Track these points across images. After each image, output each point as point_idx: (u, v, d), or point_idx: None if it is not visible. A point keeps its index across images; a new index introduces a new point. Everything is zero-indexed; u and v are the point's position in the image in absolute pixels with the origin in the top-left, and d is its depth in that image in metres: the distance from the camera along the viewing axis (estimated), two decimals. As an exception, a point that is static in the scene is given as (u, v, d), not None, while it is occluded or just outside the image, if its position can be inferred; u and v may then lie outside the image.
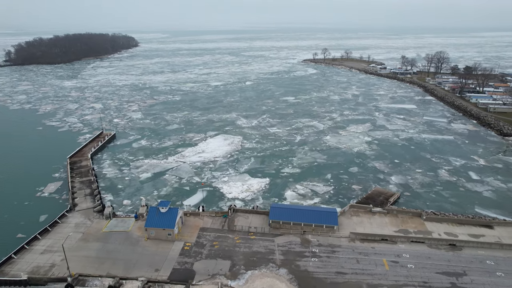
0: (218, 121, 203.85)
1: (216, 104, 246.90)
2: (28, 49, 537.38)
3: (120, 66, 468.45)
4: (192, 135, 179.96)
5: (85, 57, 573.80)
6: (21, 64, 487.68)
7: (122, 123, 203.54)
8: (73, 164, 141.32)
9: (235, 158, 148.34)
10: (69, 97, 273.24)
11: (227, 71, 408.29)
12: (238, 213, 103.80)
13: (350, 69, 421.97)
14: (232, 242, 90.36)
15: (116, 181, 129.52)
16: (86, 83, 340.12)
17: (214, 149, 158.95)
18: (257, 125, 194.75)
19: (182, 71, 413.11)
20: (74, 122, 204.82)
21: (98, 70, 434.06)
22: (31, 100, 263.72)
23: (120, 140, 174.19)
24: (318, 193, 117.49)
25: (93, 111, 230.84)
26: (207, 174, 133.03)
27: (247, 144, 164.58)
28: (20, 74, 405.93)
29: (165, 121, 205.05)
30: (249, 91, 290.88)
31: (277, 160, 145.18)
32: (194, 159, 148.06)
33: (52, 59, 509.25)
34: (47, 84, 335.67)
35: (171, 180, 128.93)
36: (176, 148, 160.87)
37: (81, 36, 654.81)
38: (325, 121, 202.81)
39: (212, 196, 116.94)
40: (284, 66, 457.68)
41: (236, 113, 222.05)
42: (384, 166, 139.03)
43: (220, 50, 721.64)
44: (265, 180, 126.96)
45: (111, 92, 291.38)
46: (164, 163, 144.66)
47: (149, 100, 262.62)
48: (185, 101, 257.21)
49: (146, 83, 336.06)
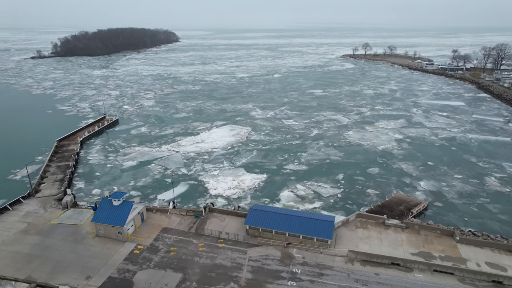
0: (231, 111, 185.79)
1: (235, 94, 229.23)
2: (73, 42, 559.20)
3: (153, 58, 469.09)
4: (198, 124, 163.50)
5: (124, 50, 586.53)
6: (64, 55, 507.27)
7: (130, 109, 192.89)
8: (59, 148, 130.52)
9: (235, 150, 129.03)
10: (91, 84, 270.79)
11: (258, 64, 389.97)
12: (214, 213, 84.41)
13: (392, 64, 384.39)
14: (193, 250, 71.24)
15: (96, 167, 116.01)
16: (113, 72, 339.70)
17: (215, 139, 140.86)
18: (272, 117, 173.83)
19: (212, 64, 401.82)
20: (84, 107, 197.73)
21: (131, 61, 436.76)
22: (55, 86, 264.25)
23: (121, 126, 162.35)
24: (321, 196, 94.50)
25: (108, 97, 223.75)
26: (197, 166, 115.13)
27: (254, 136, 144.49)
28: (58, 63, 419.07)
29: (175, 109, 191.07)
30: (275, 83, 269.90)
31: (283, 154, 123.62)
32: (190, 149, 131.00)
33: (92, 51, 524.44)
34: (78, 72, 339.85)
35: (155, 170, 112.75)
36: (175, 137, 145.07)
37: (122, 30, 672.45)
38: (351, 115, 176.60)
39: (193, 191, 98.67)
40: (320, 60, 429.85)
41: (253, 103, 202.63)
42: (413, 169, 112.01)
43: (258, 45, 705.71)
44: (261, 177, 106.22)
45: (134, 81, 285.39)
46: (155, 151, 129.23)
47: (168, 89, 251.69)
48: (204, 91, 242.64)
49: (171, 73, 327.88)
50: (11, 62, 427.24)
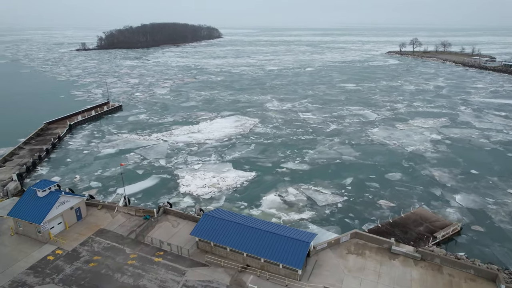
0: (244, 102, 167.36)
1: (256, 86, 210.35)
2: (116, 35, 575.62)
3: (189, 52, 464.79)
4: (202, 113, 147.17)
5: (164, 44, 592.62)
6: (107, 48, 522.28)
7: (140, 96, 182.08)
8: (45, 131, 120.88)
9: (231, 142, 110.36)
10: (115, 73, 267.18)
11: (293, 59, 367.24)
12: (169, 216, 66.54)
13: (443, 61, 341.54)
14: (121, 262, 53.92)
15: (71, 153, 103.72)
16: (143, 63, 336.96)
17: (214, 130, 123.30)
18: (287, 109, 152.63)
19: (245, 57, 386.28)
20: (96, 93, 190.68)
21: (166, 54, 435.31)
22: (82, 74, 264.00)
23: (122, 112, 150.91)
24: (315, 204, 72.72)
25: (125, 85, 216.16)
26: (179, 158, 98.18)
27: (259, 129, 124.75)
28: (97, 55, 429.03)
29: (185, 98, 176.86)
30: (304, 76, 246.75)
31: (285, 150, 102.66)
32: (181, 138, 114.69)
33: (133, 45, 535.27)
34: (110, 62, 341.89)
35: (131, 160, 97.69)
36: (172, 125, 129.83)
37: (165, 25, 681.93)
38: (381, 111, 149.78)
39: (160, 187, 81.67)
40: (361, 56, 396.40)
41: (272, 95, 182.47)
42: (448, 177, 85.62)
43: (300, 42, 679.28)
44: (248, 175, 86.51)
45: (158, 71, 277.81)
46: (143, 139, 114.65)
47: (189, 79, 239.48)
48: (224, 81, 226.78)
49: (199, 65, 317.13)
50: (57, 54, 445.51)
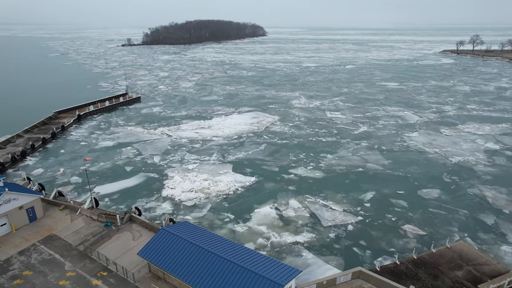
0: (269, 98, 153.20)
1: (287, 82, 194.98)
2: (161, 32, 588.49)
3: (229, 48, 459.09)
4: (220, 108, 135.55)
5: (207, 41, 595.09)
6: (151, 43, 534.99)
7: (163, 89, 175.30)
8: (52, 119, 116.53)
9: (240, 141, 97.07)
10: (148, 66, 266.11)
11: (335, 56, 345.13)
12: (134, 224, 54.95)
13: (509, 60, 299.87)
14: (51, 282, 42.98)
15: (68, 144, 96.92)
16: (179, 57, 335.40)
17: (226, 126, 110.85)
18: (315, 107, 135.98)
19: (284, 54, 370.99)
20: (122, 85, 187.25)
21: (206, 49, 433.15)
22: (116, 67, 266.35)
23: (138, 104, 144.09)
24: (318, 224, 57.07)
25: (153, 78, 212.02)
26: (177, 156, 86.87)
27: (276, 127, 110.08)
28: (139, 50, 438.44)
29: (208, 92, 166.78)
30: (342, 73, 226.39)
31: (299, 153, 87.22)
32: (187, 134, 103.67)
33: (176, 41, 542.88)
34: (149, 56, 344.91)
35: (124, 154, 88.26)
36: (183, 120, 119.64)
37: (209, 22, 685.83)
38: (425, 113, 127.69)
39: (142, 187, 70.65)
40: (410, 55, 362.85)
41: (301, 92, 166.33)
42: (506, 200, 65.12)
43: (346, 41, 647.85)
44: (247, 180, 72.71)
45: (191, 65, 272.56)
46: (146, 133, 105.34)
47: (219, 73, 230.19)
48: (255, 77, 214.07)
49: (234, 60, 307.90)
50: (103, 49, 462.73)
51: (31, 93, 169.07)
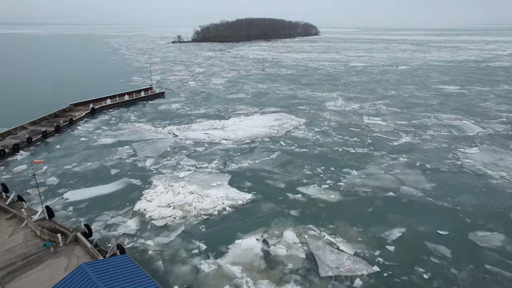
0: (301, 98, 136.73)
1: (327, 82, 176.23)
2: (211, 29, 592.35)
3: (276, 46, 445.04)
4: (243, 107, 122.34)
5: (256, 39, 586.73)
6: (200, 41, 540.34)
7: (192, 85, 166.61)
8: (67, 112, 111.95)
9: (250, 146, 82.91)
10: (187, 62, 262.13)
11: (388, 56, 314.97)
12: (77, 247, 43.52)
13: None
14: None
15: (67, 139, 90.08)
16: (222, 54, 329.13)
17: (241, 128, 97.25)
18: (351, 111, 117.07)
19: (332, 52, 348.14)
20: (153, 80, 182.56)
21: (252, 47, 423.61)
22: (156, 61, 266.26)
23: (161, 99, 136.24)
24: (314, 271, 40.94)
25: (187, 73, 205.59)
26: (172, 160, 75.19)
27: (299, 132, 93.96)
28: (186, 46, 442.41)
29: (236, 90, 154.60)
30: (392, 74, 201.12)
31: (317, 166, 70.79)
32: (195, 135, 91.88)
33: (224, 38, 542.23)
34: (192, 53, 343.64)
35: (119, 154, 78.69)
36: (198, 118, 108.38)
37: (260, 20, 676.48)
38: (491, 123, 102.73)
39: (116, 196, 59.57)
40: (479, 56, 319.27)
41: (340, 93, 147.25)
42: None
43: (404, 41, 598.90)
44: (240, 197, 58.42)
45: (230, 62, 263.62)
46: (152, 131, 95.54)
47: (256, 70, 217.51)
48: (293, 75, 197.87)
49: (276, 58, 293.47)
50: (153, 45, 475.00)
51: (63, 84, 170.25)
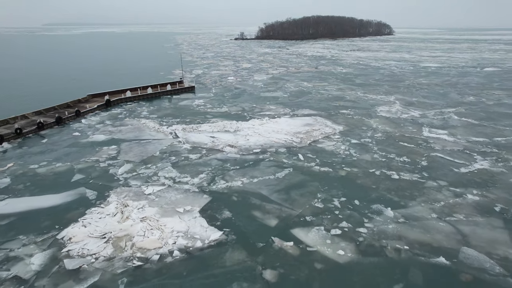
0: (348, 100, 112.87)
1: (387, 82, 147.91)
2: (276, 27, 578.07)
3: (340, 44, 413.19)
4: (273, 107, 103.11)
5: (322, 37, 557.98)
6: (262, 38, 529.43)
7: (230, 80, 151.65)
8: (81, 102, 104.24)
9: (257, 158, 63.77)
10: (238, 58, 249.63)
11: (472, 57, 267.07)
12: None
13: None
14: None
15: (61, 133, 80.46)
16: (280, 51, 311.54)
17: (258, 132, 78.45)
18: (408, 119, 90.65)
19: (402, 52, 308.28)
20: (192, 74, 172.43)
21: (314, 45, 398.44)
22: (208, 57, 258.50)
23: (188, 94, 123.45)
24: None
25: (232, 68, 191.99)
26: (152, 168, 59.52)
27: (330, 143, 72.06)
28: (246, 43, 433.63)
29: (275, 88, 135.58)
30: (474, 77, 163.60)
31: (335, 197, 49.22)
32: (198, 137, 75.64)
33: (288, 36, 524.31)
34: (249, 49, 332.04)
35: (99, 156, 65.56)
36: (214, 118, 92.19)
37: (328, 18, 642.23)
38: None
39: (52, 214, 45.27)
40: None
41: (399, 96, 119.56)
42: None
43: (497, 41, 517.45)
44: (202, 236, 39.95)
45: (284, 59, 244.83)
46: (154, 130, 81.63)
47: (308, 68, 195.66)
48: (348, 74, 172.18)
49: (337, 55, 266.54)
50: (215, 41, 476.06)
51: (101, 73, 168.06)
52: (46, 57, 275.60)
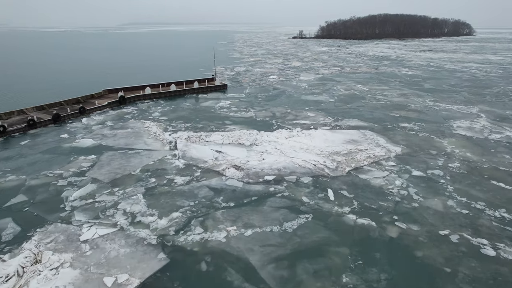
0: (412, 110, 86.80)
1: (466, 88, 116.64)
2: (338, 26, 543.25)
3: (408, 45, 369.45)
4: (312, 115, 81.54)
5: (388, 37, 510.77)
6: (322, 37, 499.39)
7: (271, 80, 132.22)
8: (94, 98, 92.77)
9: (266, 191, 44.02)
10: (290, 56, 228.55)
11: None
12: None
13: None
14: None
15: (48, 134, 68.21)
16: (339, 50, 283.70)
17: (280, 149, 58.13)
18: (506, 143, 63.43)
19: (486, 53, 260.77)
20: (232, 71, 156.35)
21: (378, 45, 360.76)
22: (257, 54, 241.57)
23: (215, 93, 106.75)
24: None
25: (279, 66, 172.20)
26: (113, 196, 42.85)
27: (378, 173, 49.41)
28: (303, 42, 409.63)
29: (320, 90, 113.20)
30: None
31: (374, 284, 28.29)
32: (201, 152, 57.55)
33: (351, 35, 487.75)
34: (305, 48, 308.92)
35: (67, 168, 51.05)
36: (233, 124, 73.75)
37: (396, 17, 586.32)
38: None
39: None
40: None
41: (485, 107, 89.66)
42: None
43: None
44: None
45: (341, 58, 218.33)
46: (154, 137, 65.62)
47: (366, 68, 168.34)
48: (414, 77, 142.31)
49: (402, 56, 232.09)
50: (272, 40, 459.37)
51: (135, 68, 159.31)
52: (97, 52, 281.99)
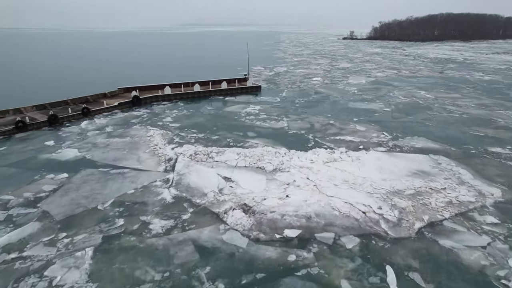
0: (501, 127, 64.20)
1: None
2: (392, 27, 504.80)
3: (476, 47, 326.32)
4: (361, 129, 62.46)
5: (450, 39, 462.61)
6: (375, 39, 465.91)
7: (314, 82, 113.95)
8: (107, 97, 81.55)
9: (275, 263, 27.21)
10: (338, 57, 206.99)
11: None
12: None
13: None
14: None
15: (33, 139, 56.89)
16: (393, 52, 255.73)
17: (314, 181, 40.88)
18: None
19: None
20: (272, 72, 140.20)
21: (439, 47, 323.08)
22: (302, 53, 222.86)
23: (246, 96, 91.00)
24: None
25: (326, 67, 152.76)
26: (47, 250, 28.62)
27: (470, 237, 30.33)
28: (354, 43, 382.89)
29: (373, 97, 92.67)
30: None
31: None
32: (203, 179, 41.95)
33: (406, 37, 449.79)
34: (355, 48, 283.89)
35: (20, 193, 38.14)
36: (258, 137, 57.39)
37: (460, 16, 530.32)
38: None
39: None
40: None
41: None
42: None
43: None
44: None
45: (397, 60, 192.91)
46: (152, 152, 51.26)
47: (428, 72, 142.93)
48: (492, 83, 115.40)
49: (471, 59, 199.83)
50: (320, 40, 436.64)
51: (164, 66, 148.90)
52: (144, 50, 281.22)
